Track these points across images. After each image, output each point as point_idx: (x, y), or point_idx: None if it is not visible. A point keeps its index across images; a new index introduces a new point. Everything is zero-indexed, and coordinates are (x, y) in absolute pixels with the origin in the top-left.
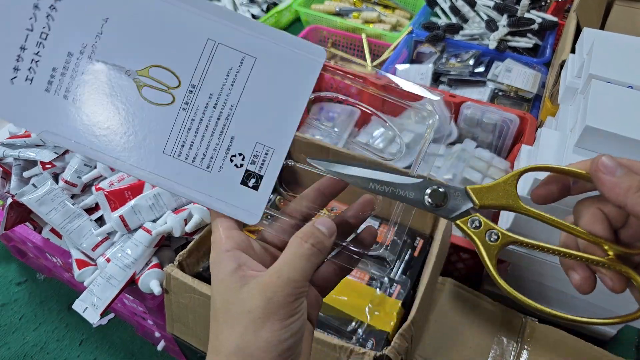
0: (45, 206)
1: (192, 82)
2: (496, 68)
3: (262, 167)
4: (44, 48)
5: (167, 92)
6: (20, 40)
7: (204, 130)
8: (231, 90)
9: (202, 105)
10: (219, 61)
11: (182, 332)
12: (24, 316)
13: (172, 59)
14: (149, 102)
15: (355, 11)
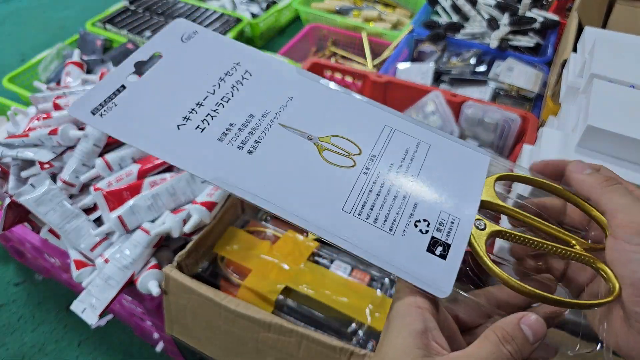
0: (44, 206)
1: (372, 153)
2: (497, 67)
3: (448, 235)
4: (223, 107)
5: (348, 157)
6: (198, 98)
7: (386, 194)
8: (411, 164)
9: (383, 172)
10: (397, 142)
11: (181, 333)
12: (22, 317)
13: (353, 133)
14: (329, 162)
15: (355, 9)
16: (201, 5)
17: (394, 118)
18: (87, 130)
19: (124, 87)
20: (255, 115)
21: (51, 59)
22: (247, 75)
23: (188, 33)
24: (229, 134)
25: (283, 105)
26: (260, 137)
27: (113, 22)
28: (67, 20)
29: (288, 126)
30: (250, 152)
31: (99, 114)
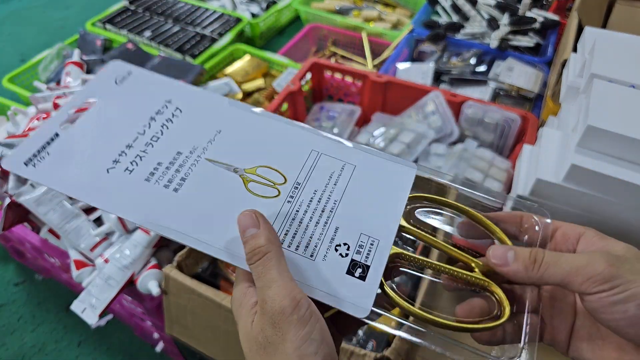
0: (43, 206)
1: (297, 180)
2: (497, 67)
3: (367, 257)
4: (152, 147)
5: (273, 187)
6: (128, 140)
7: (308, 220)
8: (334, 188)
9: (306, 199)
10: (322, 166)
11: (181, 333)
12: (22, 317)
13: (279, 162)
14: (254, 194)
15: (355, 9)
16: (201, 5)
17: (322, 140)
18: None
19: (57, 135)
20: (182, 152)
21: (51, 59)
22: (177, 112)
23: (122, 75)
24: (155, 174)
25: (211, 139)
26: (187, 174)
27: (113, 22)
28: (67, 20)
29: (215, 160)
30: (176, 190)
31: (32, 164)
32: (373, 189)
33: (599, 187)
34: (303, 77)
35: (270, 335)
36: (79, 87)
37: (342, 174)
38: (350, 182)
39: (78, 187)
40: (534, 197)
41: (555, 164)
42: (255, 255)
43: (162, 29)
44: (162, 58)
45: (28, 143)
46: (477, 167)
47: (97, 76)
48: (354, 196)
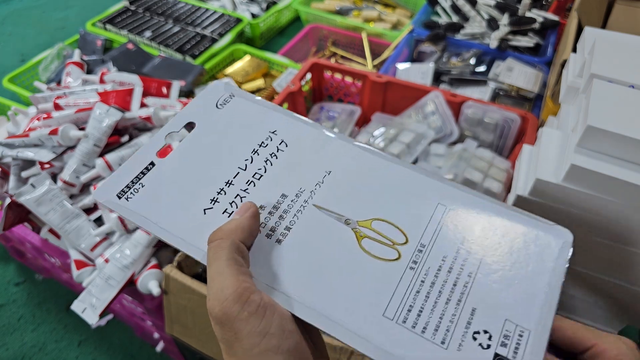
0: (44, 206)
1: (421, 241)
2: (497, 67)
3: (516, 352)
4: (254, 186)
5: (392, 247)
6: (228, 175)
7: (437, 296)
8: (469, 256)
9: (434, 266)
10: (452, 225)
11: (181, 333)
12: (22, 317)
13: (399, 215)
14: (369, 254)
15: (355, 10)
16: (201, 6)
17: (451, 191)
18: (87, 130)
19: (153, 164)
20: (288, 195)
21: (51, 59)
22: (282, 146)
23: (224, 97)
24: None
25: (320, 182)
26: (292, 222)
27: (113, 22)
28: (67, 20)
29: (324, 208)
30: (279, 241)
31: (125, 197)
32: (518, 262)
33: (599, 187)
34: (303, 77)
35: (222, 336)
36: (79, 88)
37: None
38: (489, 249)
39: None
40: (534, 197)
41: (555, 164)
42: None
43: (163, 29)
44: (163, 58)
45: (122, 173)
46: (476, 167)
47: (198, 98)
48: (494, 268)
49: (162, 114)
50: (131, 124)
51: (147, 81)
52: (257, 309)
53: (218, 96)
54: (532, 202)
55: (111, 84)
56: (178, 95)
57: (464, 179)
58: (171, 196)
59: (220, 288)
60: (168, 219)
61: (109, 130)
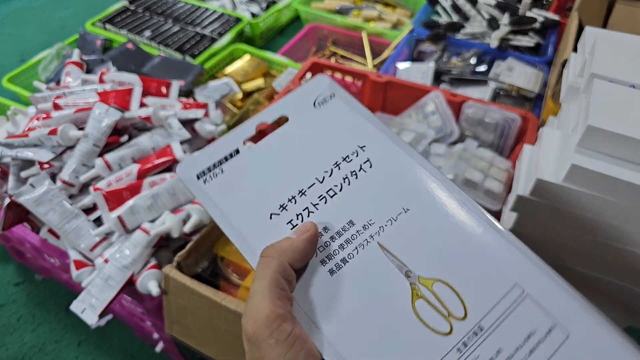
0: (43, 206)
1: (481, 323)
2: (498, 67)
3: None
4: (325, 204)
5: (447, 318)
6: (303, 184)
7: None
8: (529, 358)
9: (484, 356)
10: (523, 314)
11: (181, 333)
12: (22, 317)
13: (465, 284)
14: (419, 318)
15: (355, 9)
16: (201, 5)
17: (535, 274)
18: (86, 130)
19: (237, 151)
20: (355, 224)
21: (51, 59)
22: (366, 166)
23: (324, 96)
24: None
25: (393, 218)
26: (350, 256)
27: (113, 22)
28: (66, 20)
29: (388, 250)
30: (332, 272)
31: (203, 179)
32: None
33: (599, 187)
34: (303, 77)
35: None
36: (79, 88)
37: (546, 341)
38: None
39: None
40: (535, 197)
41: (555, 164)
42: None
43: (162, 29)
44: (162, 58)
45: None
46: (477, 167)
47: (299, 90)
48: None
49: (162, 113)
50: (131, 124)
51: (147, 81)
52: (287, 338)
53: (319, 93)
54: (532, 202)
55: (110, 83)
56: (178, 95)
57: (464, 179)
58: (245, 190)
59: (257, 308)
60: (236, 213)
61: (109, 130)
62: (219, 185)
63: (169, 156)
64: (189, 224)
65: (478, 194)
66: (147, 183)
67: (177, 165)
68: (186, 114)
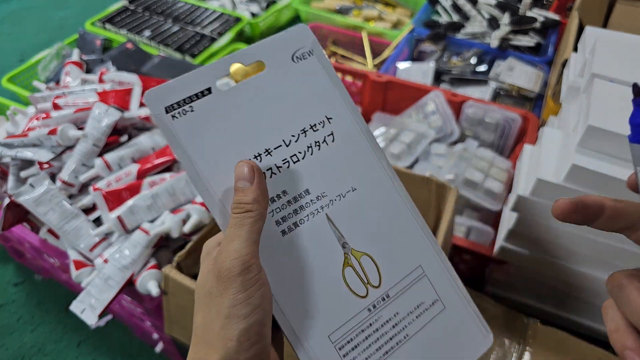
0: (43, 206)
1: (388, 292)
2: (498, 67)
3: None
4: (288, 167)
5: (365, 285)
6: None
7: (374, 341)
8: (413, 321)
9: (385, 317)
10: (419, 289)
11: (181, 333)
12: (21, 317)
13: (385, 260)
14: (344, 282)
15: (355, 9)
16: (201, 5)
17: (433, 260)
18: (86, 130)
19: (209, 90)
20: (310, 193)
21: (50, 59)
22: (329, 139)
23: (303, 50)
24: (275, 202)
25: (342, 194)
26: (301, 221)
27: (112, 22)
28: (66, 20)
29: (332, 221)
30: (283, 233)
31: (171, 114)
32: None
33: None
34: None
35: (212, 287)
36: (79, 87)
37: (429, 310)
38: (430, 323)
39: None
40: (535, 197)
41: (555, 164)
42: (238, 207)
43: (162, 29)
44: (162, 58)
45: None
46: (477, 167)
47: (276, 38)
48: (425, 340)
49: None
50: (130, 124)
51: (147, 81)
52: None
53: (299, 46)
54: (533, 202)
55: (110, 83)
56: None
57: (464, 178)
58: (213, 136)
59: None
60: (202, 157)
61: (108, 130)
62: (187, 124)
63: (168, 156)
64: (189, 224)
65: (478, 193)
66: (146, 183)
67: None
68: None
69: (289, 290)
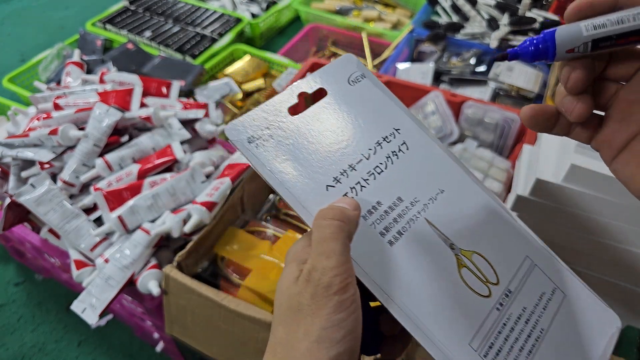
0: (44, 206)
1: (509, 287)
2: (497, 67)
3: None
4: (374, 179)
5: (485, 284)
6: (352, 159)
7: (514, 342)
8: (543, 314)
9: (515, 314)
10: (535, 281)
11: (181, 333)
12: (22, 317)
13: (495, 256)
14: (465, 283)
15: (355, 10)
16: (201, 5)
17: (537, 250)
18: (87, 130)
19: (284, 119)
20: (404, 200)
21: (51, 59)
22: (403, 148)
23: (356, 75)
24: (374, 214)
25: (433, 198)
26: (404, 229)
27: (113, 22)
28: (67, 20)
29: (434, 224)
30: (391, 243)
31: (254, 144)
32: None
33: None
34: (303, 77)
35: (304, 303)
36: (79, 88)
37: (552, 300)
38: (558, 314)
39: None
40: (534, 197)
41: (555, 164)
42: (333, 217)
43: (162, 29)
44: (162, 58)
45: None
46: (477, 167)
47: (330, 66)
48: (560, 331)
49: (162, 113)
50: (131, 124)
51: (147, 81)
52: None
53: (350, 72)
54: (532, 202)
55: (111, 83)
56: (178, 95)
57: None
58: (297, 159)
59: (332, 267)
60: (291, 181)
61: (109, 130)
62: (270, 151)
63: (169, 156)
64: (189, 224)
65: None
66: (147, 183)
67: (225, 128)
68: (186, 114)
69: (418, 303)
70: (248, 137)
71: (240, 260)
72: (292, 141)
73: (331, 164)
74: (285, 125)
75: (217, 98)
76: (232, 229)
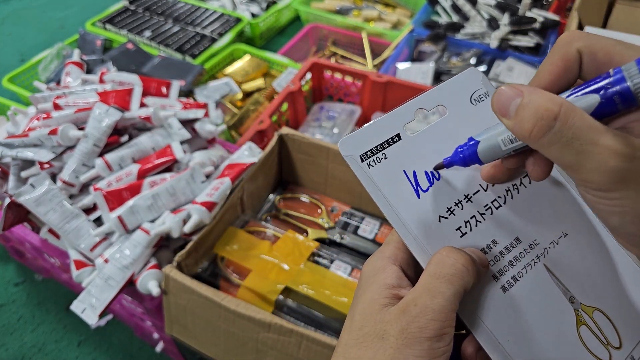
0: (43, 206)
1: (632, 354)
2: (498, 67)
3: None
4: (491, 214)
5: (606, 347)
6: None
7: None
8: None
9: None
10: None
11: (181, 333)
12: (22, 317)
13: (619, 316)
14: (582, 343)
15: (355, 9)
16: (201, 5)
17: None
18: (87, 130)
19: (399, 137)
20: (522, 242)
21: (51, 59)
22: (525, 181)
23: (480, 93)
24: (488, 254)
25: (555, 241)
26: (520, 274)
27: (113, 22)
28: (67, 20)
29: (553, 272)
30: (504, 289)
31: (367, 162)
32: None
33: None
34: (303, 77)
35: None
36: (79, 88)
37: None
38: None
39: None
40: None
41: None
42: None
43: (162, 29)
44: (162, 58)
45: (366, 135)
46: None
47: (451, 82)
48: None
49: (162, 113)
50: (131, 124)
51: (147, 81)
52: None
53: (474, 89)
54: None
55: (111, 83)
56: (178, 95)
57: None
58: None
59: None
60: (403, 206)
61: (109, 130)
62: (383, 171)
63: (169, 156)
64: (189, 224)
65: None
66: (147, 183)
67: (339, 142)
68: (186, 114)
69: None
70: (361, 154)
71: (240, 260)
72: (407, 163)
73: (446, 193)
74: (399, 144)
75: (217, 98)
76: (232, 229)
